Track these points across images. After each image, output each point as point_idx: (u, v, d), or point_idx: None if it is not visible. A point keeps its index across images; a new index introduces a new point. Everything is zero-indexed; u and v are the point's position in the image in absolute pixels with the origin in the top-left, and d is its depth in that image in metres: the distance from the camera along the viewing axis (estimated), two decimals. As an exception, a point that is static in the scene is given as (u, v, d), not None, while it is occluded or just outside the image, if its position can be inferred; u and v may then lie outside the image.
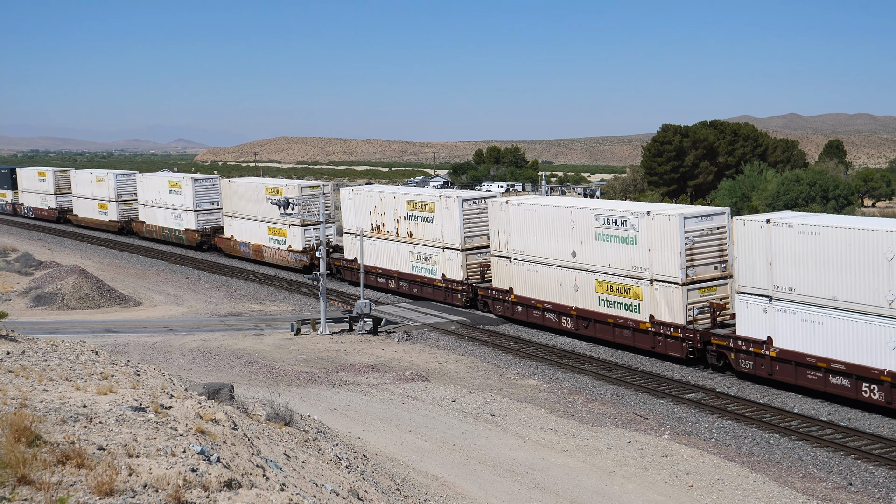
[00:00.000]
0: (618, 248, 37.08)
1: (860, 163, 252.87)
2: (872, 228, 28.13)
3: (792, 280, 30.25)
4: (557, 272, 40.05)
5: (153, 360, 34.12)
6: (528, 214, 41.71)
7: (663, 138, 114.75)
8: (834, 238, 28.90)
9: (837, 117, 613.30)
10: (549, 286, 40.59)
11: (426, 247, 49.05)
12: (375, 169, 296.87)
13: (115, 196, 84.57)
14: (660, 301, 35.50)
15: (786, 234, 30.37)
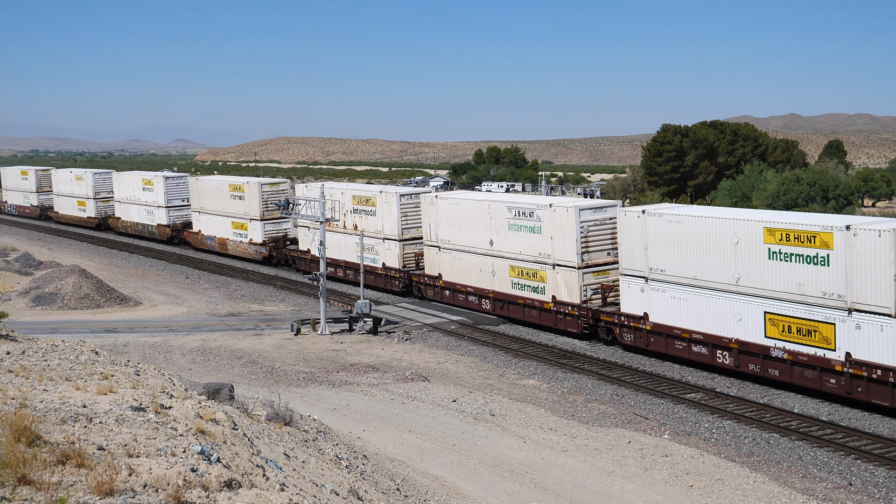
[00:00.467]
0: (527, 237, 41.72)
1: (860, 163, 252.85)
2: (722, 217, 33.35)
3: (663, 263, 35.01)
4: (478, 259, 44.58)
5: (153, 360, 34.11)
6: (454, 207, 46.47)
7: (663, 138, 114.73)
8: (694, 226, 33.78)
9: (837, 117, 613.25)
10: (472, 272, 44.99)
11: (369, 238, 52.42)
12: (375, 169, 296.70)
13: (93, 193, 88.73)
14: (560, 283, 40.14)
15: (657, 222, 35.01)
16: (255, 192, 63.22)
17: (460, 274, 46.25)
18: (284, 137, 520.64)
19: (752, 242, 31.64)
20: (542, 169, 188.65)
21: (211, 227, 69.45)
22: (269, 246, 62.96)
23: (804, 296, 30.06)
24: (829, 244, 29.28)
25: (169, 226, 76.04)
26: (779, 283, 30.81)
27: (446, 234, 47.09)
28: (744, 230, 31.97)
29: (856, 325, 28.62)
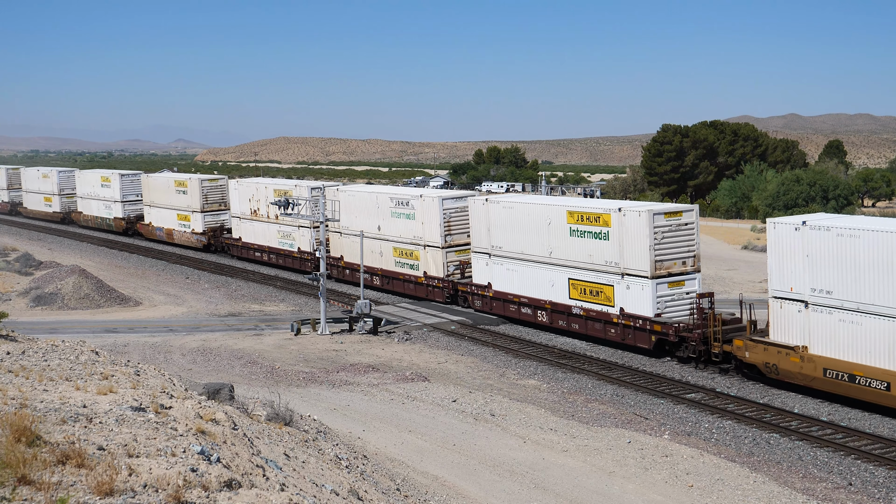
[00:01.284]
0: (404, 223, 49.87)
1: (860, 163, 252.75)
2: (539, 203, 42.07)
3: (501, 241, 42.92)
4: (370, 242, 51.40)
5: (153, 360, 34.12)
6: (350, 198, 54.68)
7: (663, 138, 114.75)
8: (522, 211, 41.90)
9: (837, 117, 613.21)
10: (365, 253, 49.89)
11: (289, 226, 60.52)
12: (375, 169, 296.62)
13: (58, 190, 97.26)
14: (430, 261, 48.51)
15: (496, 208, 43.27)
16: (196, 187, 71.00)
17: (355, 255, 51.71)
18: (284, 137, 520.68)
19: (559, 223, 39.68)
20: (542, 169, 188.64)
21: (160, 219, 77.06)
22: (208, 235, 70.80)
23: (593, 264, 38.12)
24: (609, 223, 37.13)
25: (124, 218, 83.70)
26: (577, 255, 38.82)
27: (346, 221, 53.90)
28: (553, 213, 39.93)
29: (626, 286, 36.66)
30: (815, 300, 29.71)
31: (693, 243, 36.76)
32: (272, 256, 62.34)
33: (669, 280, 36.01)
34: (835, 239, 29.20)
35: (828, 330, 29.43)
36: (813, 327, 29.86)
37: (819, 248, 29.50)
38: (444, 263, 47.99)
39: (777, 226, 31.13)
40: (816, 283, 29.62)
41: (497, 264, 43.15)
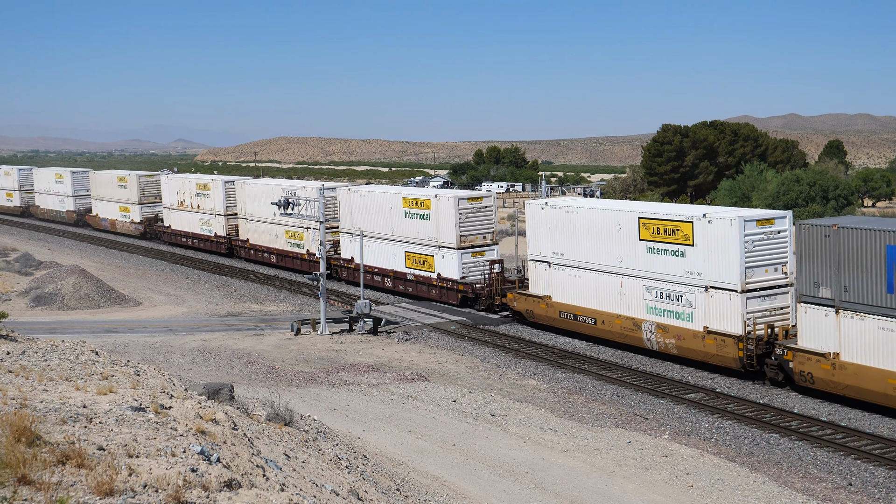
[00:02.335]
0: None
1: (860, 163, 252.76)
2: (386, 192, 53.71)
3: (361, 224, 52.77)
4: (266, 227, 63.01)
5: (153, 360, 34.11)
6: (253, 190, 64.79)
7: (663, 138, 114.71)
8: (374, 199, 52.67)
9: (837, 117, 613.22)
10: (263, 236, 62.51)
11: (207, 214, 70.72)
12: (375, 169, 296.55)
13: (18, 186, 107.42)
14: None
15: (356, 198, 53.77)
16: (135, 182, 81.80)
17: (259, 238, 61.37)
18: (284, 137, 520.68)
19: (396, 208, 50.73)
20: (542, 169, 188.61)
21: (105, 210, 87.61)
22: (144, 224, 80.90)
23: (420, 239, 49.09)
24: (429, 206, 48.28)
25: (75, 211, 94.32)
26: (410, 233, 49.51)
27: (249, 210, 62.32)
28: (393, 201, 51.02)
29: (441, 256, 47.87)
30: (554, 261, 40.54)
31: (491, 223, 48.67)
32: (195, 241, 72.56)
33: (472, 251, 47.43)
34: (564, 214, 39.93)
35: (562, 282, 40.23)
36: (553, 281, 40.68)
37: (555, 222, 40.23)
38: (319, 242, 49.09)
39: (530, 206, 42.22)
40: (555, 248, 40.43)
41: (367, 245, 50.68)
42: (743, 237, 32.76)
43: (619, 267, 37.11)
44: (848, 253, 28.54)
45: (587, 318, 38.57)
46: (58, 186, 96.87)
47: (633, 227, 36.72)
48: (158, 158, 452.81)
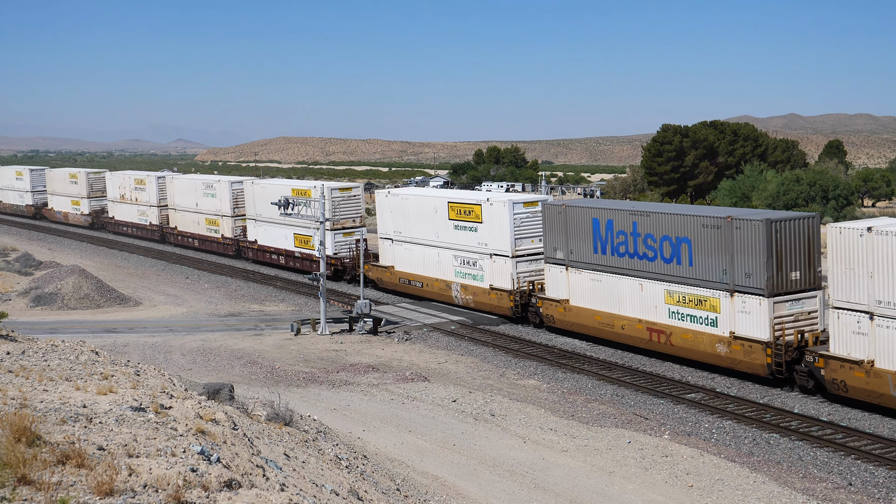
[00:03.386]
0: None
1: (860, 163, 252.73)
2: (282, 184, 63.86)
3: (257, 212, 62.80)
4: (190, 215, 73.09)
5: (153, 360, 34.11)
6: (180, 185, 75.41)
7: (663, 138, 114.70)
8: (271, 190, 60.37)
9: (837, 117, 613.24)
10: (188, 223, 73.02)
11: (144, 206, 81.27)
12: (375, 169, 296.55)
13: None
14: (225, 227, 67.88)
15: (255, 189, 63.29)
16: (84, 179, 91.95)
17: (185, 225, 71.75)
18: (284, 137, 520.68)
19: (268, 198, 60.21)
20: (542, 169, 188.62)
21: (59, 204, 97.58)
22: (92, 216, 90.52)
23: (305, 223, 56.06)
24: (310, 195, 54.99)
25: (33, 205, 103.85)
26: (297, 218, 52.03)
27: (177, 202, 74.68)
28: (283, 191, 57.80)
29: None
30: (395, 237, 51.18)
31: (359, 209, 57.58)
32: (134, 230, 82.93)
33: (343, 231, 56.43)
34: (400, 201, 50.59)
35: (400, 254, 50.56)
36: (395, 254, 51.23)
37: (395, 207, 50.90)
38: (231, 227, 61.72)
39: (378, 195, 54.00)
40: (395, 227, 50.98)
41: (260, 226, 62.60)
42: (513, 216, 42.85)
43: (437, 241, 47.68)
44: (572, 225, 38.86)
45: (417, 282, 49.70)
46: (18, 183, 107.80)
47: (444, 209, 47.13)
48: (158, 158, 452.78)
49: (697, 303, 34.00)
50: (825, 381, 29.63)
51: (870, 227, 28.12)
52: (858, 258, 28.37)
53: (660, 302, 35.48)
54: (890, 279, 27.50)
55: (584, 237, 38.10)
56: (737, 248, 32.20)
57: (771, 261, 31.21)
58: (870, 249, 27.96)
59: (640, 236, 36.11)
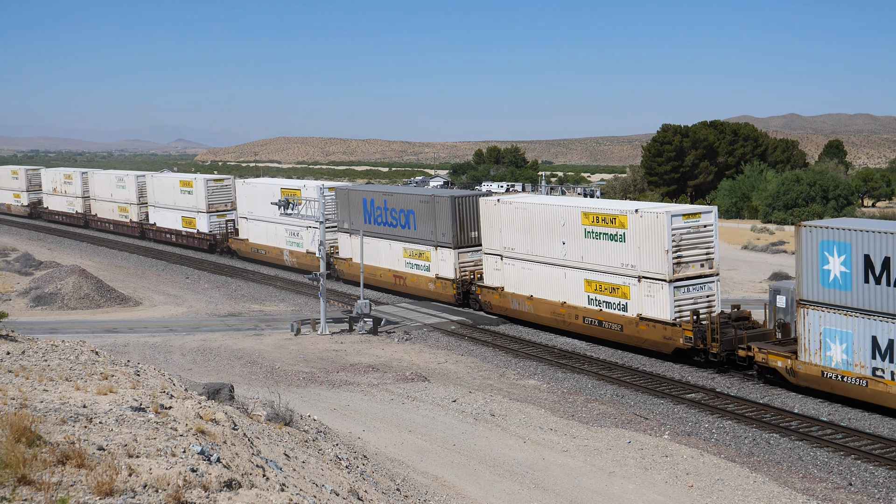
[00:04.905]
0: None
1: (860, 163, 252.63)
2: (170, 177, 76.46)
3: (156, 200, 75.18)
4: (107, 204, 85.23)
5: (153, 360, 34.11)
6: (98, 178, 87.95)
7: (663, 138, 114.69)
8: (161, 182, 73.87)
9: (837, 117, 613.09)
10: (105, 210, 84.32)
11: (71, 198, 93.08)
12: (375, 169, 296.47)
13: None
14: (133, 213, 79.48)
15: (154, 181, 76.08)
16: (23, 175, 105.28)
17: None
18: (284, 137, 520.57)
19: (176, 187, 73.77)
20: (542, 169, 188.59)
21: (3, 197, 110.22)
22: (30, 207, 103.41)
23: (188, 208, 69.76)
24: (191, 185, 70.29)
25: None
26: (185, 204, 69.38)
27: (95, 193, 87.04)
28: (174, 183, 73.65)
29: (199, 218, 69.46)
30: (248, 217, 64.98)
31: (230, 197, 68.83)
32: (63, 217, 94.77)
33: (217, 213, 69.31)
34: (249, 189, 64.93)
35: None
36: (249, 230, 65.12)
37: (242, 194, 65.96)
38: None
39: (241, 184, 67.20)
40: (247, 210, 64.60)
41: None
42: (323, 201, 49.41)
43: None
44: (354, 205, 52.50)
45: (260, 250, 64.08)
46: None
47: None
48: (158, 158, 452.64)
49: (419, 255, 48.61)
50: (481, 302, 44.73)
51: (499, 199, 43.25)
52: (494, 219, 43.03)
53: (400, 256, 50.33)
54: (511, 233, 41.96)
55: (358, 213, 52.69)
56: (437, 216, 46.67)
57: (456, 225, 45.92)
58: (499, 214, 42.73)
59: (388, 210, 50.53)
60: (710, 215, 35.57)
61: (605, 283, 37.18)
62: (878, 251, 27.78)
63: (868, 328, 28.21)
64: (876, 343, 28.04)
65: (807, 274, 29.80)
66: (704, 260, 35.29)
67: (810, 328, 29.74)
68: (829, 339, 29.25)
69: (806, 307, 29.82)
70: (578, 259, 38.26)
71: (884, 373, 27.89)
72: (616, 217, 36.29)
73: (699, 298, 34.92)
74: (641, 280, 35.55)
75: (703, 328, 33.70)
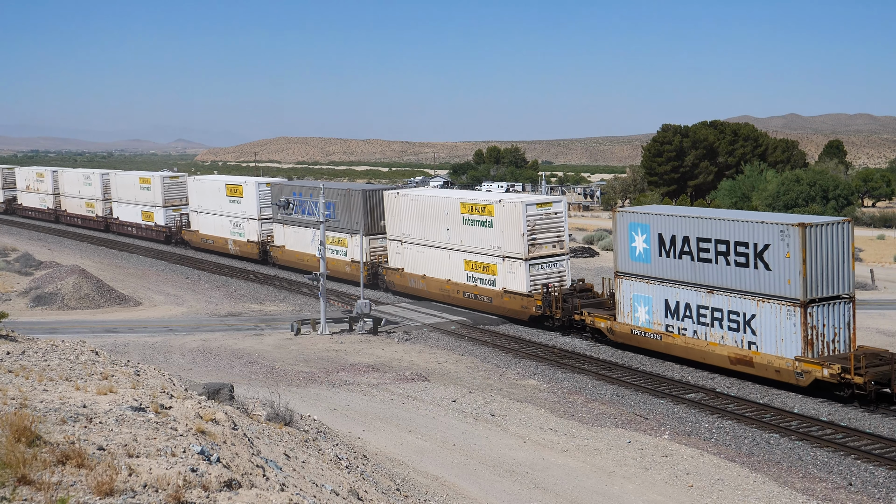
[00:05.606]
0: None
1: (860, 163, 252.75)
2: (130, 175, 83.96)
3: (118, 195, 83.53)
4: (75, 200, 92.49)
5: (153, 360, 34.11)
6: (66, 176, 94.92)
7: (663, 138, 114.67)
8: (123, 179, 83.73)
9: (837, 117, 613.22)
10: (74, 206, 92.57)
11: (43, 194, 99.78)
12: (375, 169, 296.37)
13: None
14: (98, 209, 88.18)
15: (116, 178, 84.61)
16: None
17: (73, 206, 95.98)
18: (284, 137, 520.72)
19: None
20: (542, 169, 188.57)
21: None
22: (6, 203, 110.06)
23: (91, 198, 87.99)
24: (150, 182, 77.56)
25: None
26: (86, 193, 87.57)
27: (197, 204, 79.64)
28: (134, 180, 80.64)
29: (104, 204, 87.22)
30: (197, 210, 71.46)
31: (185, 192, 74.98)
32: (35, 213, 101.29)
33: (173, 207, 75.82)
34: (199, 184, 72.48)
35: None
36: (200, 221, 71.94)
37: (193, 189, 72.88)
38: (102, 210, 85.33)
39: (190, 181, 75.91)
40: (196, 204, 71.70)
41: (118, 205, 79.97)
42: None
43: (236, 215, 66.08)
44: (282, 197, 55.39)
45: (209, 240, 69.55)
46: None
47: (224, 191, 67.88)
48: (158, 158, 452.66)
49: (338, 242, 54.81)
50: (386, 282, 51.49)
51: (398, 193, 50.47)
52: (395, 210, 49.76)
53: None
54: (408, 221, 48.71)
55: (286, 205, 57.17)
56: (352, 208, 53.25)
57: (367, 215, 52.37)
58: (399, 205, 49.51)
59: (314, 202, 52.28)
60: (560, 204, 42.78)
61: (479, 263, 44.16)
62: (668, 231, 34.43)
63: (662, 293, 34.96)
64: (668, 305, 34.82)
65: (620, 250, 36.54)
66: (556, 242, 42.39)
67: (623, 294, 36.61)
68: (636, 303, 36.14)
69: (620, 277, 36.58)
70: (459, 243, 45.22)
71: (673, 328, 34.60)
72: (486, 206, 43.13)
73: (552, 274, 42.03)
74: (505, 259, 42.52)
75: (550, 298, 40.28)
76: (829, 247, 30.44)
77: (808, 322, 29.97)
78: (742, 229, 31.83)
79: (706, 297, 33.13)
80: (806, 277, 29.87)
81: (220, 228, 67.91)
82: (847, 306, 30.85)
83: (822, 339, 30.38)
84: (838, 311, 30.68)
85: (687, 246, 33.75)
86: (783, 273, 30.41)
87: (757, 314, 31.41)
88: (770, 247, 30.76)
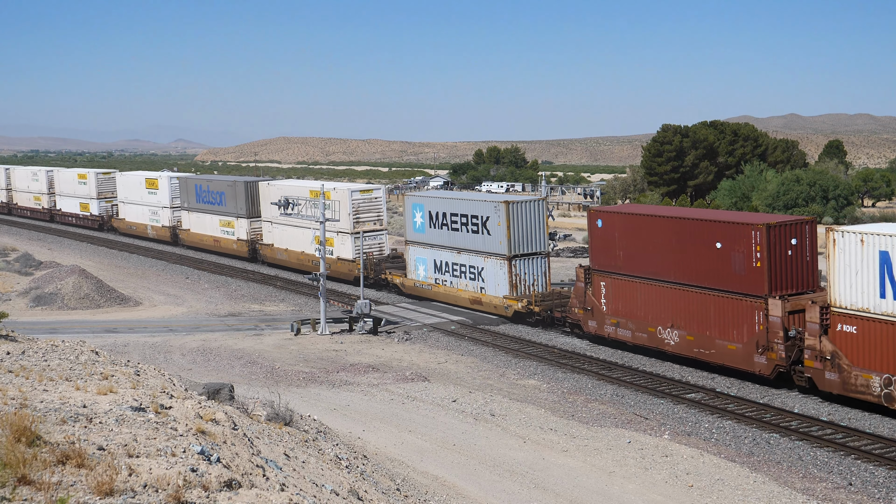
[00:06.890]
0: None
1: (860, 163, 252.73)
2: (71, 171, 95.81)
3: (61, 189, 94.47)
4: (25, 195, 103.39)
5: (153, 360, 34.10)
6: (16, 173, 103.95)
7: (663, 138, 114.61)
8: (64, 175, 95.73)
9: (837, 117, 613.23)
10: (25, 200, 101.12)
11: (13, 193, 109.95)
12: (375, 169, 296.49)
13: None
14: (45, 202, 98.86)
15: (59, 175, 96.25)
16: None
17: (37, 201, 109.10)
18: (284, 137, 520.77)
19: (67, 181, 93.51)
20: (542, 169, 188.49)
21: None
22: None
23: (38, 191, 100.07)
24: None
25: None
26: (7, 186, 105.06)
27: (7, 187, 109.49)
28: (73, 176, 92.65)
29: (56, 196, 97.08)
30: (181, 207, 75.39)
31: (114, 186, 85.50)
32: (13, 209, 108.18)
33: (105, 199, 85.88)
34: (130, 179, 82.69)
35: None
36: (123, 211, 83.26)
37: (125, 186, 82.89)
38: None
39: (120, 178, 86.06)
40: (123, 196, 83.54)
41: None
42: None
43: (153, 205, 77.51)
44: (189, 190, 70.20)
45: (133, 227, 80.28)
46: None
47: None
48: (158, 158, 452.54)
49: (228, 224, 66.15)
50: (260, 255, 63.09)
51: (269, 183, 62.69)
52: (267, 197, 60.46)
53: (217, 225, 67.74)
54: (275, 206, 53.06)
55: (191, 195, 70.37)
56: (237, 196, 64.65)
57: (249, 201, 63.67)
58: (269, 192, 60.08)
59: (210, 192, 68.17)
60: (380, 191, 56.85)
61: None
62: (435, 209, 47.64)
63: (433, 255, 47.99)
64: (436, 264, 47.90)
65: (407, 225, 50.02)
66: (376, 220, 55.09)
67: (410, 258, 50.01)
68: (418, 263, 49.26)
69: (408, 245, 50.05)
70: (309, 223, 53.80)
71: (439, 281, 47.70)
72: (325, 193, 47.73)
73: (372, 245, 53.84)
74: (339, 234, 54.14)
75: (368, 263, 51.64)
76: (527, 219, 43.26)
77: (512, 271, 42.84)
78: (475, 207, 45.01)
79: (456, 257, 46.24)
80: (510, 239, 42.75)
81: (141, 216, 79.39)
82: (543, 260, 43.59)
83: (523, 283, 43.02)
84: (536, 263, 43.41)
85: (446, 220, 46.90)
86: (498, 237, 43.15)
87: (485, 267, 44.42)
88: (490, 218, 43.83)
